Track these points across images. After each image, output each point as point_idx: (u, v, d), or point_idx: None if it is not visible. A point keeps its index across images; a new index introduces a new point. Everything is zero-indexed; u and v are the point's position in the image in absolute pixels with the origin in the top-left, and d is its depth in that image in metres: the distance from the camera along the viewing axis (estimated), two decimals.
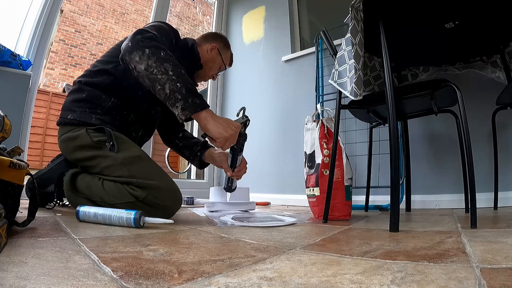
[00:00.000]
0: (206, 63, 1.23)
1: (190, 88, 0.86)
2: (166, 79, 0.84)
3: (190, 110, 0.85)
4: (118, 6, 6.80)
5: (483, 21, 1.06)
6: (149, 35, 0.90)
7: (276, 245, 0.59)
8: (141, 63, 0.86)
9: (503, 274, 0.37)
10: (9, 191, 0.59)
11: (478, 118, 1.30)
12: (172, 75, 0.85)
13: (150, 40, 0.89)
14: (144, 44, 0.87)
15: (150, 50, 0.86)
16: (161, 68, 0.85)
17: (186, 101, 0.84)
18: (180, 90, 0.84)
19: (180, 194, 0.98)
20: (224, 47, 1.28)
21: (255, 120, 2.22)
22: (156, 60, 0.85)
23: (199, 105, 0.86)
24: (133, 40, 0.88)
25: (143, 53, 0.86)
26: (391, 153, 0.80)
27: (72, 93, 1.07)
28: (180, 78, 0.85)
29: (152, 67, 0.85)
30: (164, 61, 0.86)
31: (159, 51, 0.87)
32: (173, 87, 0.84)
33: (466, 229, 0.74)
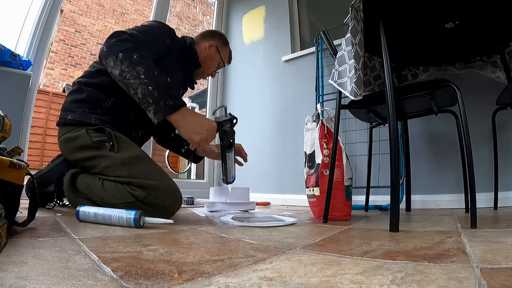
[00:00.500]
0: (205, 61, 1.24)
1: (162, 90, 0.84)
2: (138, 83, 0.84)
3: (161, 114, 0.85)
4: (118, 6, 6.80)
5: (483, 21, 1.06)
6: (124, 37, 0.89)
7: (276, 245, 0.59)
8: (115, 68, 0.86)
9: (503, 274, 0.37)
10: (9, 191, 0.59)
11: (478, 118, 1.30)
12: (144, 78, 0.84)
13: (124, 43, 0.87)
14: (118, 48, 0.86)
15: (123, 54, 0.85)
16: (133, 72, 0.84)
17: (158, 105, 0.84)
18: (152, 93, 0.83)
19: (180, 194, 0.98)
20: (223, 44, 1.29)
21: (255, 120, 2.23)
22: (129, 64, 0.85)
23: (171, 107, 0.85)
24: (108, 44, 0.88)
25: (117, 58, 0.85)
26: (391, 153, 0.80)
27: (72, 94, 1.07)
28: (152, 80, 0.84)
29: (125, 72, 0.85)
30: (136, 64, 0.85)
31: (132, 54, 0.86)
32: (144, 91, 0.84)
33: (466, 229, 0.74)
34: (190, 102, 6.07)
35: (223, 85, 2.52)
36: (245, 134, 2.27)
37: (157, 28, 1.05)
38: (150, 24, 1.06)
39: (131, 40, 0.89)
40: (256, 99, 2.27)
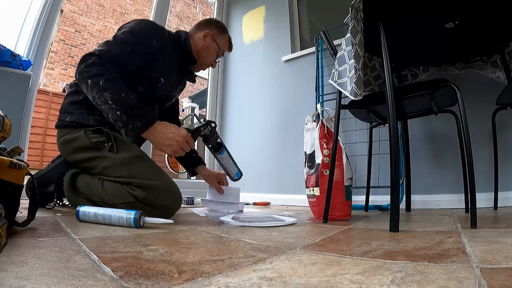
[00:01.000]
0: (200, 52, 1.20)
1: (129, 112, 0.88)
2: (108, 108, 0.88)
3: (132, 136, 0.89)
4: (118, 6, 6.80)
5: (483, 21, 1.06)
6: (91, 60, 0.90)
7: (276, 245, 0.59)
8: (88, 94, 0.91)
9: (503, 274, 0.37)
10: (9, 191, 0.59)
11: (478, 118, 1.30)
12: (111, 104, 0.88)
13: (91, 68, 0.89)
14: (87, 75, 0.89)
15: (91, 80, 0.89)
16: (102, 99, 0.88)
17: (127, 128, 0.88)
18: (120, 117, 0.88)
19: (180, 194, 0.98)
20: (219, 33, 1.23)
21: (255, 120, 2.23)
22: (97, 91, 0.88)
23: (139, 128, 0.89)
24: (78, 71, 0.91)
25: (87, 85, 0.89)
26: (391, 153, 0.80)
27: (70, 95, 1.07)
28: (118, 105, 0.88)
29: (95, 98, 0.90)
30: (103, 90, 0.88)
31: (99, 79, 0.88)
32: (114, 116, 0.88)
33: (466, 229, 0.74)
34: (190, 102, 6.07)
35: (223, 85, 2.52)
36: (245, 134, 2.28)
37: (140, 32, 1.02)
38: (133, 29, 1.02)
39: (99, 62, 0.91)
40: (256, 99, 2.27)
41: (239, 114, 2.38)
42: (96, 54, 0.92)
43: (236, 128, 2.38)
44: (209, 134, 0.98)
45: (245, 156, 2.23)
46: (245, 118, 2.32)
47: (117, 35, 1.00)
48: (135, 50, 0.99)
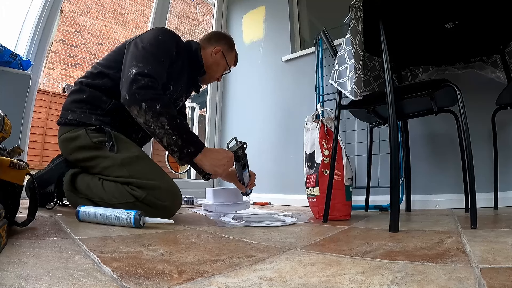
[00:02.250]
0: (211, 66, 1.23)
1: (185, 139, 0.92)
2: (163, 133, 0.90)
3: (185, 160, 0.94)
4: (118, 6, 6.80)
5: (483, 21, 1.06)
6: (144, 82, 0.90)
7: (276, 245, 0.59)
8: (140, 117, 0.91)
9: (503, 274, 0.37)
10: (9, 191, 0.59)
11: (478, 118, 1.30)
12: (168, 129, 0.90)
13: (146, 91, 0.90)
14: (140, 98, 0.89)
15: (146, 104, 0.89)
16: (158, 123, 0.90)
17: (182, 153, 0.92)
18: (176, 142, 0.91)
19: (180, 194, 0.98)
20: (229, 49, 1.27)
21: (255, 120, 2.23)
22: (152, 115, 0.89)
23: (193, 154, 0.94)
24: (129, 92, 0.90)
25: (140, 108, 0.89)
26: (391, 153, 0.80)
27: (73, 94, 1.07)
28: (175, 130, 0.91)
29: (149, 122, 0.90)
30: (160, 115, 0.89)
31: (155, 104, 0.89)
32: (170, 140, 0.91)
33: (466, 229, 0.74)
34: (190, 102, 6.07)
35: (223, 85, 2.52)
36: (245, 134, 2.27)
37: (164, 42, 1.04)
38: (157, 38, 1.02)
39: (151, 85, 0.91)
40: (256, 99, 2.27)
41: (239, 114, 2.38)
42: (146, 74, 0.92)
43: (236, 128, 2.38)
44: (242, 154, 1.10)
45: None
46: (245, 118, 2.32)
47: (145, 48, 0.98)
48: (165, 63, 1.01)
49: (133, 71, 0.91)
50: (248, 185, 1.23)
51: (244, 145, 1.11)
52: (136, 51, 0.98)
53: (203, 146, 0.96)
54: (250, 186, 1.25)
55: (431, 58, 1.37)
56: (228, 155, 1.02)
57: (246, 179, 1.20)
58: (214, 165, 0.98)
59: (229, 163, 1.02)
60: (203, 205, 1.33)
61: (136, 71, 0.91)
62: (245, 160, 1.14)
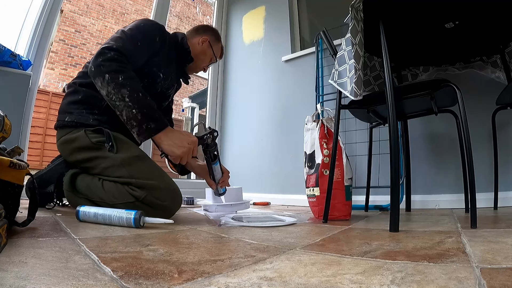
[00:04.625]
0: (198, 55, 1.25)
1: (145, 113, 0.88)
2: (123, 105, 0.88)
3: (143, 136, 0.89)
4: (118, 6, 6.80)
5: (483, 21, 1.05)
6: (110, 55, 0.90)
7: (276, 245, 0.59)
8: (103, 88, 0.90)
9: (503, 274, 0.37)
10: (9, 191, 0.59)
11: (478, 118, 1.30)
12: (128, 101, 0.87)
13: (110, 63, 0.90)
14: (104, 69, 0.89)
15: (109, 75, 0.88)
16: (118, 95, 0.88)
17: (141, 128, 0.88)
18: (136, 116, 0.87)
19: (180, 194, 0.98)
20: (215, 40, 1.30)
21: (255, 120, 2.23)
22: (114, 87, 0.88)
23: (152, 130, 0.89)
24: (95, 64, 0.90)
25: (104, 79, 0.89)
26: (391, 153, 0.80)
27: (68, 95, 1.08)
28: (136, 103, 0.88)
29: (111, 94, 0.89)
30: (121, 86, 0.88)
31: (118, 75, 0.88)
32: (129, 113, 0.88)
33: (466, 229, 0.74)
34: (190, 102, 6.07)
35: (223, 85, 2.52)
36: (245, 134, 2.27)
37: (146, 29, 1.06)
38: (138, 25, 1.05)
39: (117, 58, 0.91)
40: (256, 99, 2.27)
41: (239, 114, 2.38)
42: (114, 48, 0.92)
43: (236, 128, 2.38)
44: (211, 142, 1.00)
45: (245, 156, 2.23)
46: (245, 118, 2.32)
47: (125, 31, 1.01)
48: (143, 46, 1.01)
49: (103, 46, 0.93)
50: (220, 183, 1.12)
51: (214, 133, 1.00)
52: (114, 35, 1.00)
53: (166, 125, 0.92)
54: (222, 185, 1.13)
55: (431, 58, 1.37)
56: (191, 139, 0.94)
57: (217, 174, 1.09)
58: (171, 145, 0.91)
59: (189, 147, 0.93)
60: (203, 205, 1.33)
61: (105, 46, 0.93)
62: (214, 151, 1.03)
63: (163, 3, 2.10)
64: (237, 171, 1.86)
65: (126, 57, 0.93)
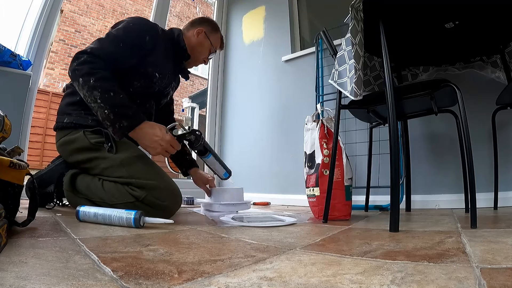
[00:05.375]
0: (195, 47, 1.23)
1: (117, 112, 0.90)
2: (97, 107, 0.90)
3: (118, 135, 0.91)
4: (118, 6, 6.80)
5: (483, 21, 1.05)
6: (83, 59, 0.91)
7: (276, 245, 0.59)
8: (80, 92, 0.93)
9: (503, 274, 0.37)
10: (9, 191, 0.59)
11: (478, 118, 1.30)
12: (100, 102, 0.89)
13: (82, 66, 0.91)
14: (78, 73, 0.91)
15: (82, 78, 0.90)
16: (92, 97, 0.90)
17: (114, 127, 0.90)
18: (108, 116, 0.89)
19: (180, 194, 0.98)
20: (212, 30, 1.27)
21: (255, 120, 2.23)
22: (88, 89, 0.90)
23: (125, 128, 0.91)
24: (71, 69, 0.93)
25: (79, 83, 0.91)
26: (391, 153, 0.80)
27: (67, 97, 1.08)
28: (107, 104, 0.89)
29: (86, 96, 0.91)
30: (93, 89, 0.89)
31: (90, 78, 0.90)
32: (102, 114, 0.90)
33: (466, 229, 0.74)
34: (190, 102, 6.07)
35: (223, 85, 2.52)
36: (245, 134, 2.28)
37: (133, 28, 1.04)
38: (126, 25, 1.04)
39: (90, 60, 0.92)
40: (256, 99, 2.26)
41: (239, 114, 2.38)
42: (88, 52, 0.93)
43: (236, 128, 2.38)
44: (194, 140, 1.02)
45: (245, 156, 2.23)
46: (245, 118, 2.32)
47: (110, 32, 1.01)
48: (128, 46, 1.00)
49: (78, 51, 0.94)
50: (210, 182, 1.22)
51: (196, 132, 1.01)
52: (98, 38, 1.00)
53: (140, 121, 0.92)
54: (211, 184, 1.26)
55: (431, 58, 1.37)
56: (165, 138, 0.94)
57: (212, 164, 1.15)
58: (146, 146, 0.95)
59: (162, 147, 0.94)
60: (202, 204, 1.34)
61: (79, 51, 0.94)
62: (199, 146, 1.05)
63: (163, 3, 2.10)
64: (237, 171, 1.86)
65: (100, 59, 0.93)
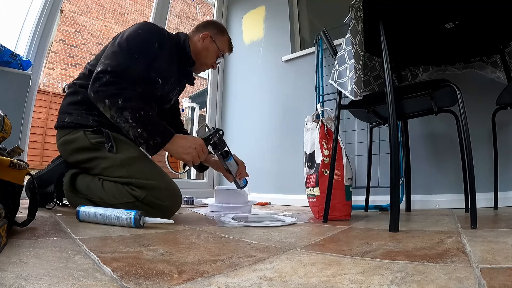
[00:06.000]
0: (200, 53, 1.20)
1: (150, 130, 0.92)
2: (128, 126, 0.92)
3: (152, 151, 0.94)
4: (118, 6, 6.80)
5: (483, 21, 1.06)
6: (105, 79, 0.92)
7: (276, 245, 0.59)
8: (106, 112, 0.94)
9: (503, 274, 0.37)
10: (9, 191, 0.59)
11: (478, 118, 1.30)
12: (132, 122, 0.91)
13: (107, 87, 0.92)
14: (103, 94, 0.92)
15: (108, 100, 0.91)
16: (122, 118, 0.91)
17: (148, 144, 0.93)
18: (142, 134, 0.92)
19: (180, 194, 0.98)
20: (218, 33, 1.24)
21: (255, 120, 2.23)
22: (116, 111, 0.91)
23: (159, 144, 0.94)
24: (93, 90, 0.93)
25: (104, 105, 0.92)
26: (391, 153, 0.80)
27: (68, 96, 1.08)
28: (139, 123, 0.91)
29: (114, 117, 0.93)
30: (123, 109, 0.91)
31: (117, 99, 0.91)
32: (135, 133, 0.92)
33: (466, 229, 0.74)
34: (190, 102, 6.07)
35: (223, 85, 2.52)
36: (245, 134, 2.27)
37: (143, 37, 1.03)
38: (136, 32, 1.03)
39: (114, 81, 0.92)
40: (256, 99, 2.26)
41: (239, 114, 2.38)
42: (109, 71, 0.93)
43: (236, 128, 2.38)
44: (218, 141, 1.05)
45: (245, 156, 2.21)
46: (245, 118, 2.32)
47: (121, 43, 1.00)
48: (140, 57, 1.01)
49: (98, 69, 0.94)
50: (237, 175, 1.16)
51: (219, 131, 1.04)
52: (111, 48, 1.00)
53: (172, 135, 0.96)
54: (240, 176, 1.17)
55: (431, 58, 1.37)
56: (197, 142, 0.99)
57: (233, 168, 1.14)
58: (180, 153, 0.97)
59: (197, 150, 0.98)
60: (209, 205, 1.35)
61: (100, 69, 0.93)
62: (223, 148, 1.08)
63: (163, 3, 2.10)
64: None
65: (121, 77, 0.94)
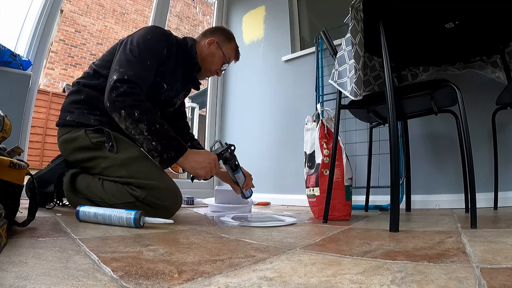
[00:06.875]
0: (206, 58, 1.19)
1: (164, 144, 0.93)
2: (143, 139, 0.92)
3: (166, 164, 0.95)
4: (118, 6, 6.80)
5: (483, 21, 1.06)
6: (123, 89, 0.91)
7: (276, 245, 0.59)
8: (120, 123, 0.94)
9: (503, 274, 0.37)
10: (9, 191, 0.59)
11: (478, 118, 1.30)
12: (147, 135, 0.91)
13: (124, 98, 0.91)
14: (120, 105, 0.91)
15: (125, 111, 0.91)
16: (137, 130, 0.91)
17: (162, 157, 0.93)
18: (156, 147, 0.92)
19: (180, 194, 0.98)
20: (225, 40, 1.23)
21: (255, 120, 2.23)
22: (132, 122, 0.91)
23: (173, 158, 0.94)
24: (109, 99, 0.92)
25: (120, 115, 0.92)
26: (391, 153, 0.80)
27: (71, 95, 1.08)
28: (154, 136, 0.92)
29: (129, 128, 0.92)
30: (138, 121, 0.91)
31: (134, 110, 0.91)
32: (149, 146, 0.92)
33: (466, 229, 0.74)
34: (190, 102, 6.07)
35: (223, 85, 2.52)
36: (245, 134, 2.27)
37: (153, 43, 1.03)
38: (145, 38, 1.02)
39: (130, 92, 0.92)
40: (256, 99, 2.27)
41: (239, 114, 2.38)
42: (125, 80, 0.92)
43: (236, 128, 2.38)
44: (229, 156, 1.08)
45: (245, 156, 2.22)
46: (245, 118, 2.32)
47: (133, 50, 0.99)
48: (151, 63, 1.01)
49: (114, 77, 0.93)
50: (244, 187, 1.19)
51: (231, 147, 1.08)
52: (122, 54, 0.99)
53: (185, 150, 0.96)
54: (246, 187, 1.21)
55: (431, 58, 1.37)
56: (211, 157, 1.01)
57: (240, 180, 1.18)
58: (194, 168, 0.97)
59: (211, 165, 1.00)
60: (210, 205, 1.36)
61: (116, 78, 0.92)
62: (234, 162, 1.12)
63: (163, 3, 2.10)
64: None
65: (138, 87, 0.94)
